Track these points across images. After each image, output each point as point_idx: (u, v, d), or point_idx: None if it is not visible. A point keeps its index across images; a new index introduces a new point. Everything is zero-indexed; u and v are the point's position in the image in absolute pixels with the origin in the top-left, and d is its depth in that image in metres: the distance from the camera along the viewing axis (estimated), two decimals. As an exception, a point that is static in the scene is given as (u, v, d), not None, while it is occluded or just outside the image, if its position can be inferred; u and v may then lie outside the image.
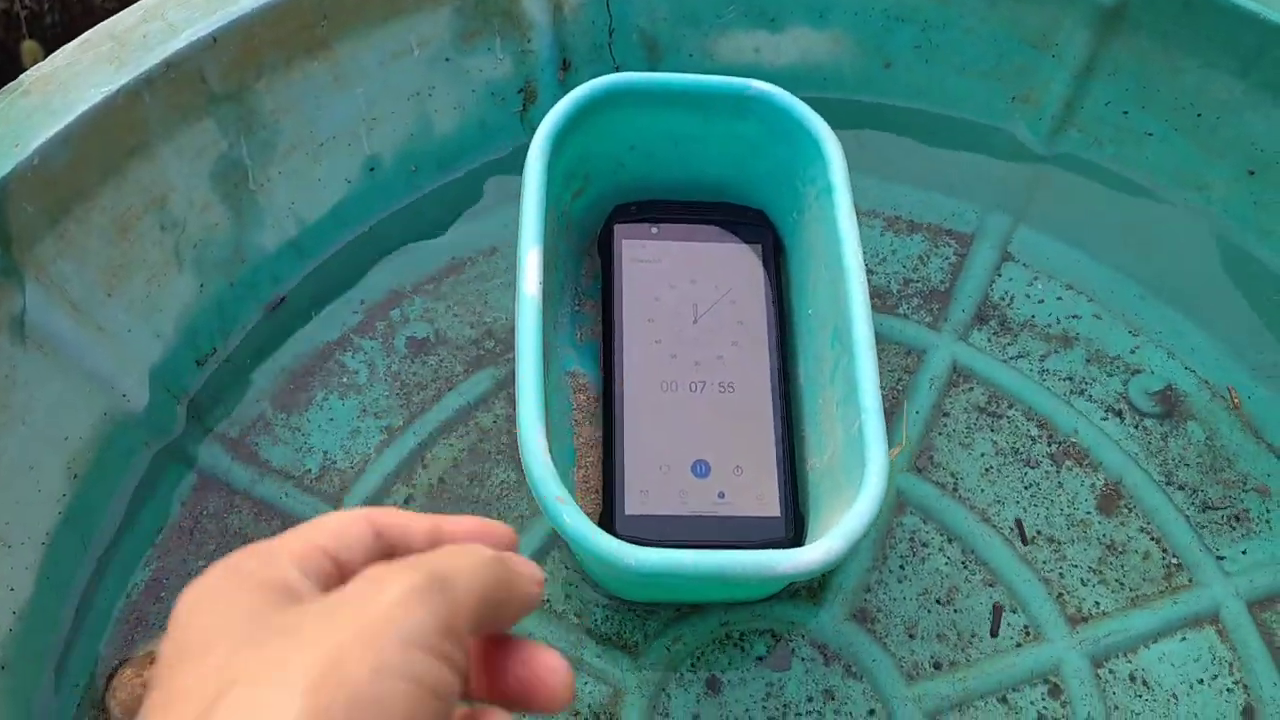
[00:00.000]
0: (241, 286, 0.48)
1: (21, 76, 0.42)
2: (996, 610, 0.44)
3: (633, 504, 0.42)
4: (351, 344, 0.50)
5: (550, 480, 0.36)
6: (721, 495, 0.42)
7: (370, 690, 0.18)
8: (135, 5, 0.44)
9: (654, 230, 0.48)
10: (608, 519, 0.42)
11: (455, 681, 0.20)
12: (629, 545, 0.35)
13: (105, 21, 0.44)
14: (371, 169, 0.51)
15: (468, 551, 0.23)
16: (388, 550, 0.24)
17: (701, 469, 0.42)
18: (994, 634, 0.43)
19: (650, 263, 0.47)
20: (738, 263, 0.47)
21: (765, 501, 0.42)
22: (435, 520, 0.25)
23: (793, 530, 0.41)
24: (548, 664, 0.24)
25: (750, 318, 0.46)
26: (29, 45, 1.01)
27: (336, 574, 0.22)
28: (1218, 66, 0.47)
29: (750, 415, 0.44)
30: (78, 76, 0.42)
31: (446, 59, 0.50)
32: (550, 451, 0.36)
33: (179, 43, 0.43)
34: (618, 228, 0.48)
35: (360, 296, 0.51)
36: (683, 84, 0.44)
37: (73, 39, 0.44)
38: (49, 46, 1.02)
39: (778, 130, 0.45)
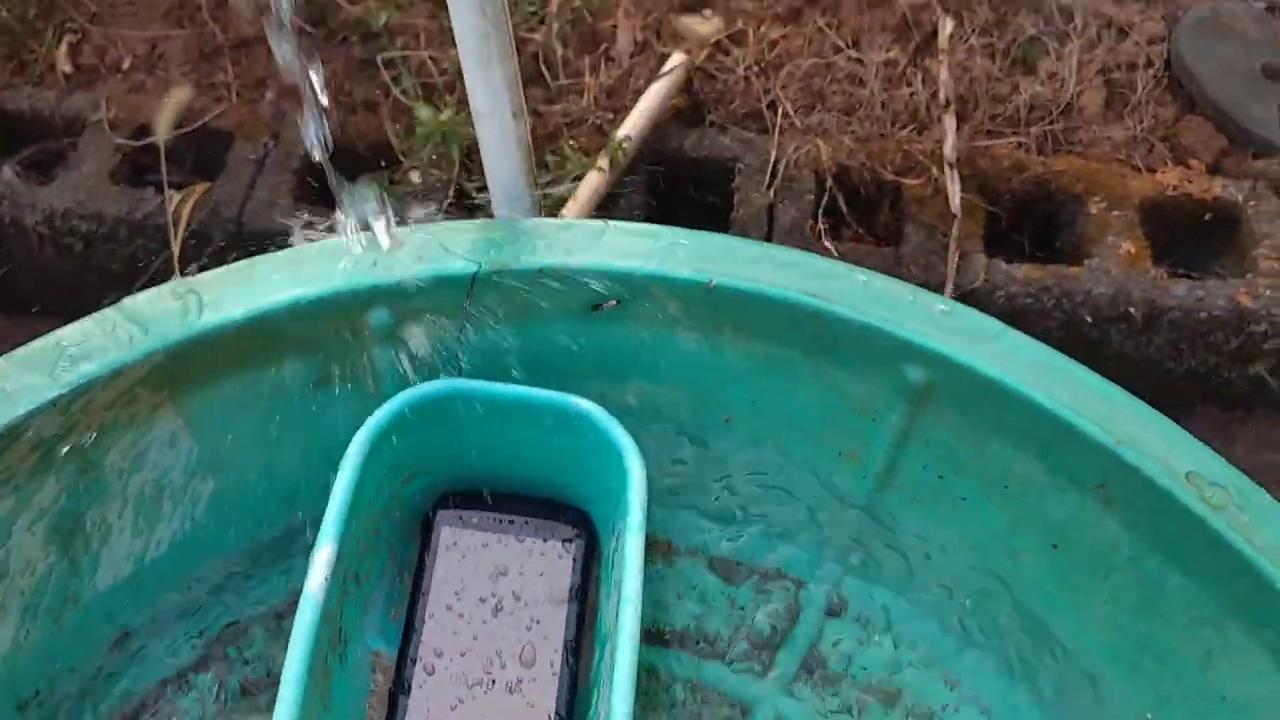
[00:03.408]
0: (71, 630, 0.49)
1: None
2: None
3: None
4: (186, 682, 0.51)
5: None
6: None
7: None
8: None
9: (474, 520, 0.51)
10: None
11: None
12: None
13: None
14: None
15: None
16: None
17: None
18: None
19: (463, 551, 0.50)
20: (547, 562, 0.50)
21: None
22: None
23: None
24: None
25: (548, 618, 0.48)
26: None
27: None
28: (1020, 447, 0.50)
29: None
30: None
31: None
32: None
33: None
34: (439, 514, 0.51)
35: (200, 627, 0.52)
36: (510, 395, 0.47)
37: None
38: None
39: (599, 448, 0.48)
